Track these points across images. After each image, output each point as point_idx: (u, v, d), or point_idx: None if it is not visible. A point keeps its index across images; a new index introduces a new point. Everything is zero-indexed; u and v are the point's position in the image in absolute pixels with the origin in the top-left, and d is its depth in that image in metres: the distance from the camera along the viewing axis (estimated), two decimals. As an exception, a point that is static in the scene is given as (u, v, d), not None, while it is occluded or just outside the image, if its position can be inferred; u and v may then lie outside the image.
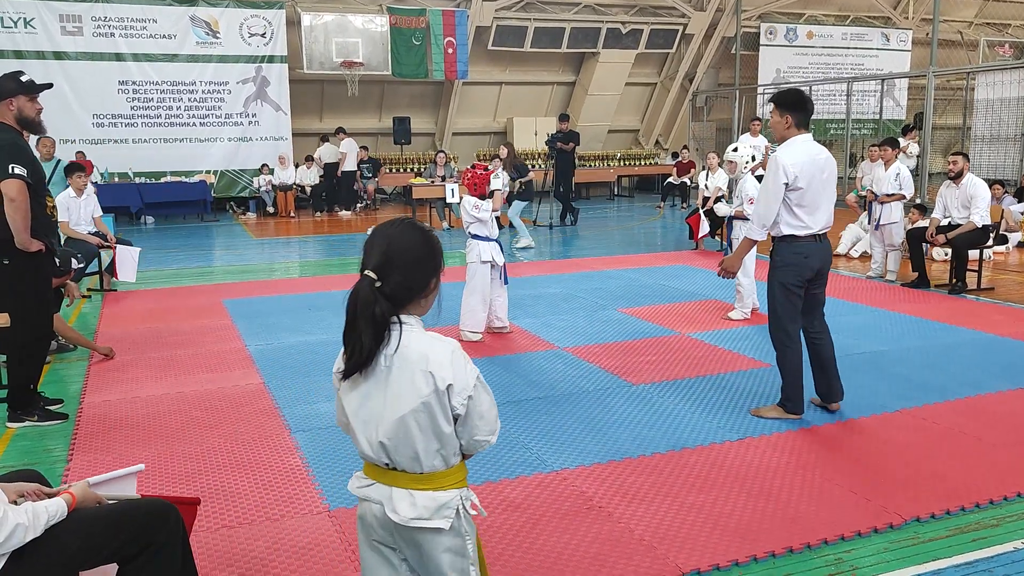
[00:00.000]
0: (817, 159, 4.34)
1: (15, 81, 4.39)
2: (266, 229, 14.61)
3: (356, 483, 2.05)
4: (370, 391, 1.96)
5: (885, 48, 21.73)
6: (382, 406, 1.94)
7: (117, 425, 4.60)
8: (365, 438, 1.97)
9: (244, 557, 3.11)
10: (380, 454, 1.96)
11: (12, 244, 4.36)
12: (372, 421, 1.96)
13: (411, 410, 1.91)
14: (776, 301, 4.50)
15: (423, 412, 1.91)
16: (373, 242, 1.96)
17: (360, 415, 1.97)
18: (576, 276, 9.11)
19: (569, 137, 14.10)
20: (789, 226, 4.38)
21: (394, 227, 1.98)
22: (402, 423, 1.92)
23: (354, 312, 1.90)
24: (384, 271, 1.90)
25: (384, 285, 1.90)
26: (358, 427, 1.98)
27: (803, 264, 4.39)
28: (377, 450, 1.96)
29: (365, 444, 1.98)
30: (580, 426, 4.45)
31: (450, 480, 1.99)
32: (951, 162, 8.26)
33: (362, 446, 1.99)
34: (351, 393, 1.99)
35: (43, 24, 14.84)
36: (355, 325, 1.90)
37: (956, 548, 3.17)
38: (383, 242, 1.94)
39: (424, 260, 1.95)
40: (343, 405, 2.02)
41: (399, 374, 1.92)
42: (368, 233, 2.03)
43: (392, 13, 17.13)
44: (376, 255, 1.92)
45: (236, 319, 7.16)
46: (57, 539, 2.16)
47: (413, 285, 1.94)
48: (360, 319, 1.89)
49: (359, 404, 1.97)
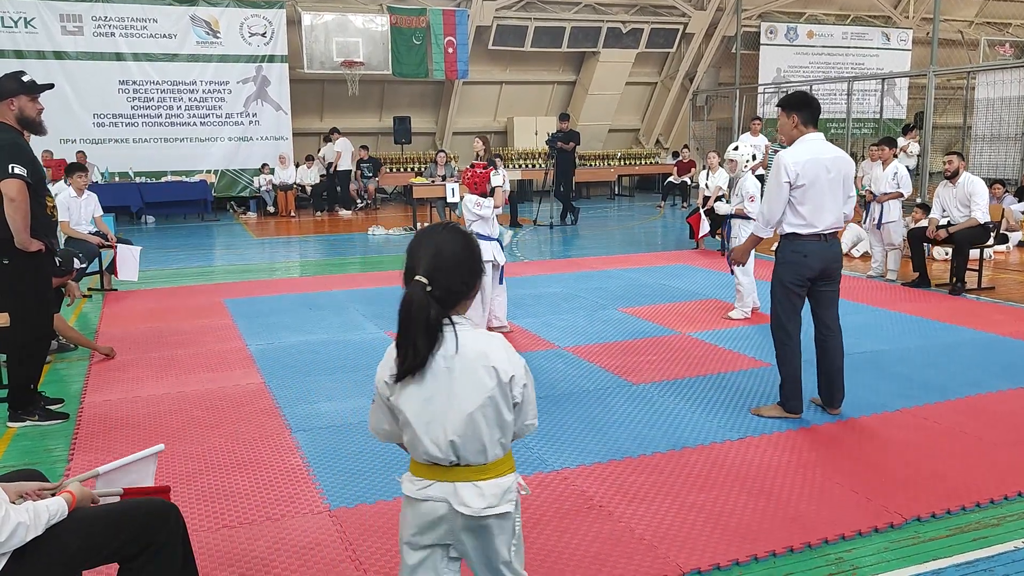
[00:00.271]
0: (822, 158, 4.31)
1: (16, 81, 4.39)
2: (266, 229, 14.61)
3: (412, 486, 2.07)
4: (432, 393, 2.00)
5: (886, 47, 21.73)
6: (447, 405, 1.99)
7: (118, 425, 4.60)
8: (430, 439, 2.01)
9: (245, 557, 3.11)
10: (448, 452, 2.01)
11: (12, 244, 4.36)
12: (437, 421, 2.00)
13: (479, 406, 1.99)
14: (775, 298, 4.51)
15: (489, 406, 2.00)
16: (420, 248, 2.01)
17: (423, 417, 2.00)
18: (576, 276, 9.11)
19: (569, 137, 14.10)
20: (791, 224, 4.38)
21: (439, 233, 2.04)
22: (471, 419, 1.99)
23: (409, 317, 1.95)
24: (434, 275, 1.96)
25: (434, 289, 1.96)
26: (421, 429, 2.01)
27: (802, 263, 4.37)
28: (446, 449, 2.01)
29: (430, 445, 2.01)
30: (580, 425, 4.45)
31: (507, 466, 2.09)
32: (946, 162, 8.25)
33: (426, 447, 2.01)
34: (409, 398, 2.01)
35: (43, 24, 14.85)
36: (410, 330, 1.95)
37: (957, 547, 3.17)
38: (431, 248, 2.00)
39: (469, 263, 2.03)
40: (399, 410, 2.03)
41: (462, 373, 1.99)
42: (412, 239, 2.07)
43: (392, 13, 17.13)
44: (425, 260, 1.98)
45: (237, 318, 7.16)
46: (58, 538, 2.16)
47: (461, 288, 2.02)
48: (415, 323, 1.94)
49: (421, 407, 2.00)
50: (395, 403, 2.03)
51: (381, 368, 2.06)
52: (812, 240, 4.35)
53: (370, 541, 3.22)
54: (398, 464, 3.96)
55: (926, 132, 14.90)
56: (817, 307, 4.53)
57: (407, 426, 2.03)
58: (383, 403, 2.07)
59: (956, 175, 8.12)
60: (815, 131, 4.39)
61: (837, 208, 4.39)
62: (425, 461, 2.05)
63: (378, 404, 2.09)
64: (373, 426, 2.14)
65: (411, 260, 2.01)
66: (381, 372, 2.05)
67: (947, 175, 8.18)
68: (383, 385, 2.05)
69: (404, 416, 2.02)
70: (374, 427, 2.14)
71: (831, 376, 4.56)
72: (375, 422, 2.13)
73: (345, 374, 5.50)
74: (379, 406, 2.09)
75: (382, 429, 2.12)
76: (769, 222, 4.44)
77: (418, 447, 2.03)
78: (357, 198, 17.22)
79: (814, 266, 4.38)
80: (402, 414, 2.03)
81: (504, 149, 19.03)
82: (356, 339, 6.43)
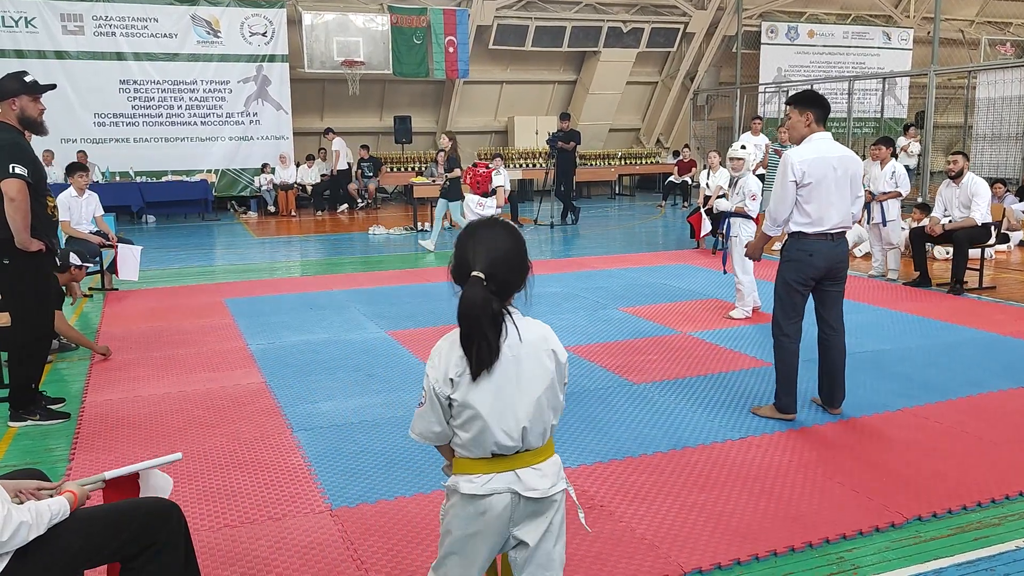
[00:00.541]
0: (828, 157, 4.29)
1: (19, 81, 4.40)
2: (267, 228, 14.62)
3: (473, 484, 2.06)
4: (501, 384, 2.03)
5: (886, 47, 21.71)
6: (517, 393, 2.04)
7: (119, 424, 4.60)
8: (502, 429, 2.04)
9: (246, 556, 3.12)
10: (519, 440, 2.06)
11: (12, 244, 4.36)
12: (508, 411, 2.04)
13: (544, 389, 2.08)
14: (778, 296, 4.50)
15: (550, 388, 2.10)
16: (475, 245, 2.04)
17: (496, 408, 2.03)
18: (577, 275, 9.11)
19: (570, 136, 14.10)
20: (797, 223, 4.36)
21: (490, 229, 2.08)
22: (538, 403, 2.07)
23: (475, 314, 1.97)
24: (491, 271, 2.01)
25: (490, 284, 2.00)
26: (493, 420, 2.03)
27: (806, 262, 4.34)
28: (518, 436, 2.05)
29: (502, 435, 2.04)
30: (581, 425, 4.45)
31: (552, 445, 2.17)
32: (951, 161, 8.23)
33: (497, 438, 2.04)
34: (481, 392, 2.03)
35: (44, 23, 14.86)
36: (479, 326, 1.98)
37: (958, 547, 3.17)
38: (485, 244, 2.04)
39: (521, 257, 2.09)
40: (467, 406, 2.03)
41: (528, 359, 2.06)
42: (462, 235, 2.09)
43: (393, 12, 17.13)
44: (481, 257, 2.02)
45: (237, 318, 7.16)
46: (59, 538, 2.16)
47: (516, 280, 2.08)
48: (483, 319, 1.98)
49: (493, 399, 2.03)
50: (463, 400, 2.03)
51: (438, 369, 2.04)
52: (818, 239, 4.33)
53: (371, 540, 3.22)
54: (399, 463, 3.97)
55: (927, 132, 14.90)
56: (821, 306, 4.52)
57: (474, 421, 2.03)
58: (440, 404, 2.05)
59: (960, 175, 8.10)
60: (824, 130, 4.38)
61: (844, 207, 4.36)
62: (490, 455, 2.06)
63: (431, 407, 2.07)
64: (421, 430, 2.11)
65: (464, 256, 2.04)
66: (438, 372, 2.04)
67: (951, 175, 8.16)
68: (444, 384, 2.03)
69: (473, 411, 2.03)
70: (422, 431, 2.11)
71: (833, 376, 4.55)
72: (424, 426, 2.10)
73: (346, 373, 5.50)
74: (433, 408, 2.07)
75: (432, 432, 2.10)
76: (776, 220, 4.42)
77: (486, 441, 2.04)
78: (358, 198, 17.22)
79: (819, 265, 4.36)
80: (469, 410, 2.03)
81: (505, 149, 19.04)
82: (357, 339, 6.43)
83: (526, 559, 2.13)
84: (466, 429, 2.06)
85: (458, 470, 2.11)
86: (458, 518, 2.10)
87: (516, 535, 2.11)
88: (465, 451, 2.09)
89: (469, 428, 2.05)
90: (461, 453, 2.10)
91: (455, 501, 2.10)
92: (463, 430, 2.06)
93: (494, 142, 20.00)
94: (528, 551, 2.12)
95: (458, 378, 2.02)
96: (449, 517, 2.12)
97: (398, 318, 7.09)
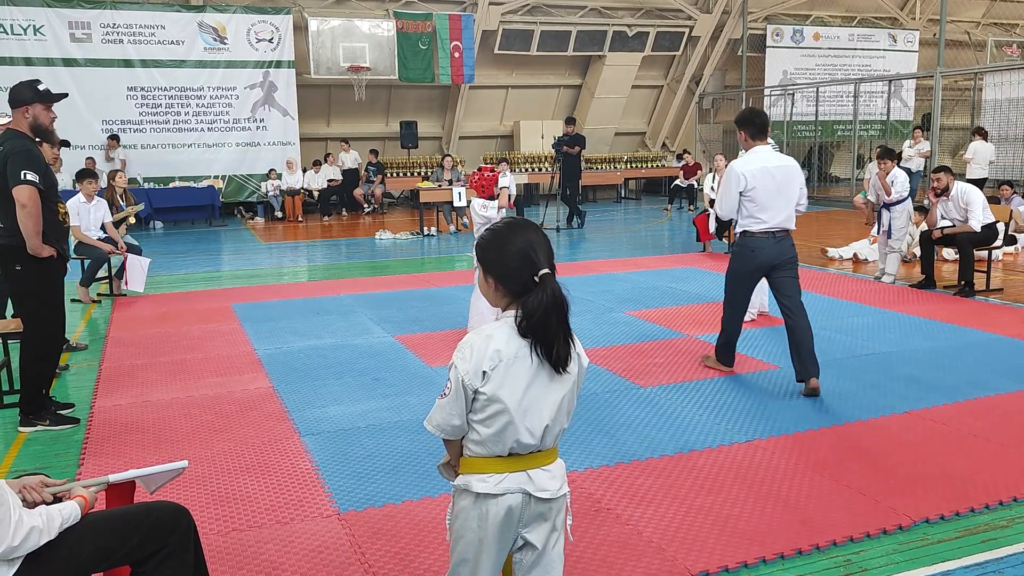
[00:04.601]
0: (769, 166, 4.98)
1: (32, 90, 4.45)
2: (274, 233, 14.67)
3: (486, 484, 2.06)
4: (531, 380, 2.04)
5: (892, 49, 21.67)
6: (544, 392, 2.05)
7: (128, 429, 4.63)
8: (526, 427, 2.04)
9: (254, 560, 3.13)
10: (539, 439, 2.07)
11: (24, 250, 4.40)
12: (534, 408, 2.05)
13: (568, 390, 2.10)
14: (728, 283, 5.31)
15: (572, 390, 2.12)
16: (537, 243, 2.06)
17: (523, 405, 2.04)
18: (583, 279, 9.12)
19: (575, 140, 14.13)
20: (743, 223, 5.07)
21: (534, 228, 2.11)
22: (560, 404, 2.08)
23: (558, 307, 2.02)
24: (551, 265, 2.06)
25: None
26: (519, 416, 2.03)
27: (750, 257, 5.08)
28: (540, 435, 2.07)
29: (524, 433, 2.05)
30: (588, 428, 4.46)
31: (557, 448, 2.18)
32: (934, 179, 8.09)
33: (519, 435, 2.04)
34: (508, 389, 2.02)
35: (52, 31, 14.95)
36: (561, 319, 2.03)
37: (966, 549, 3.17)
38: (540, 241, 2.08)
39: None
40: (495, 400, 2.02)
41: None
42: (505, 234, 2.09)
43: (399, 18, 17.19)
44: (543, 254, 2.06)
45: (245, 323, 7.19)
46: (70, 542, 2.18)
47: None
48: (564, 312, 2.03)
49: (522, 394, 2.03)
50: (492, 394, 2.01)
51: (469, 361, 2.02)
52: (762, 236, 5.01)
53: (379, 544, 3.24)
54: (406, 467, 3.98)
55: (933, 133, 14.87)
56: (777, 293, 5.14)
57: (499, 416, 2.02)
58: (466, 396, 2.03)
59: (947, 191, 8.03)
60: (763, 143, 5.07)
61: (786, 208, 5.03)
62: (507, 453, 2.06)
63: (455, 398, 2.04)
64: (439, 421, 2.08)
65: (527, 255, 2.03)
66: (470, 365, 2.01)
67: (936, 193, 8.06)
68: (475, 376, 2.01)
69: (501, 406, 2.02)
70: (440, 422, 2.08)
71: (799, 350, 5.00)
72: (444, 417, 2.07)
73: (353, 378, 5.52)
74: (457, 400, 2.04)
75: (450, 425, 2.07)
76: (723, 215, 5.17)
77: (507, 438, 2.04)
78: (364, 203, 17.28)
79: (761, 260, 5.05)
80: (497, 404, 2.02)
81: (510, 153, 19.07)
82: (364, 343, 6.45)
83: (533, 562, 2.14)
84: (488, 425, 2.04)
85: (469, 469, 2.09)
86: (470, 520, 2.08)
87: (524, 536, 2.12)
88: (481, 448, 2.07)
89: (492, 424, 2.04)
90: (475, 451, 2.09)
91: (466, 503, 2.09)
92: (485, 425, 2.04)
93: (500, 146, 20.03)
94: (536, 554, 2.13)
95: (491, 371, 2.01)
96: (460, 521, 2.10)
97: (405, 322, 7.11)
